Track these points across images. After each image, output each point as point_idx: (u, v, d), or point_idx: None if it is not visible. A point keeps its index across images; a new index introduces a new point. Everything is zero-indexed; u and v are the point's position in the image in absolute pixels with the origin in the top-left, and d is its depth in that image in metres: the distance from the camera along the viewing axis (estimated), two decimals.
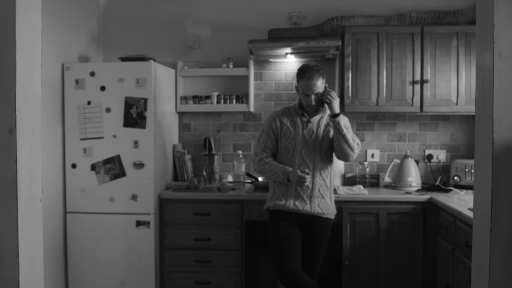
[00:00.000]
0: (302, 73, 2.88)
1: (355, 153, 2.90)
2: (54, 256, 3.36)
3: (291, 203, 2.90)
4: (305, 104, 2.91)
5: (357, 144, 2.91)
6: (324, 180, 2.93)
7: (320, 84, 2.85)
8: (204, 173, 3.86)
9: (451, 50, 3.54)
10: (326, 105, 2.91)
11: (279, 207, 2.92)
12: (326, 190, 2.94)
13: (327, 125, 2.94)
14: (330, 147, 2.93)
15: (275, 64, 3.97)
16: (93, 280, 3.44)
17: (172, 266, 3.50)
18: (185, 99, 3.95)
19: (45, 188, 3.02)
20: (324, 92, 2.87)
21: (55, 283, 3.37)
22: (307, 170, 2.85)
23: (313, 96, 2.86)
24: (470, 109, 3.52)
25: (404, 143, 3.93)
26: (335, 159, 3.00)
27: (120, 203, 3.41)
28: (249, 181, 3.69)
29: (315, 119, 2.94)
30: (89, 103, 3.41)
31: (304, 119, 2.94)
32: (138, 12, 4.06)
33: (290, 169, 2.87)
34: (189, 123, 4.07)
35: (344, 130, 2.83)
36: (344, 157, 2.92)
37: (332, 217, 2.99)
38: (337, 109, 2.85)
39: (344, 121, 2.87)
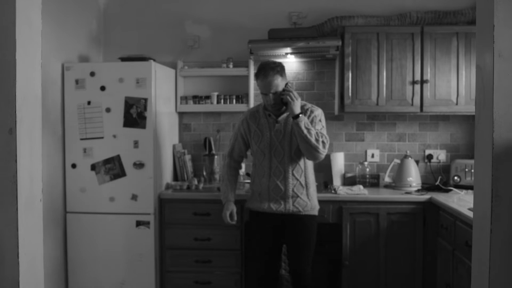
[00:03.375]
0: (258, 72, 2.83)
1: (321, 153, 2.77)
2: (54, 256, 3.36)
3: (266, 205, 2.92)
4: (266, 104, 2.89)
5: (323, 142, 2.76)
6: (297, 179, 2.90)
7: (278, 82, 2.78)
8: (204, 173, 3.86)
9: (451, 50, 3.54)
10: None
11: (257, 208, 2.96)
12: (302, 189, 2.91)
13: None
14: None
15: None
16: (93, 280, 3.44)
17: (172, 266, 3.50)
18: (185, 99, 3.95)
19: (45, 188, 3.02)
20: (283, 91, 2.80)
21: (55, 283, 3.37)
22: (233, 221, 2.99)
23: (271, 95, 2.80)
24: (470, 109, 3.51)
25: (404, 143, 3.93)
26: None
27: (120, 203, 3.41)
28: (249, 181, 3.69)
29: (283, 118, 2.90)
30: (89, 103, 3.41)
31: (271, 120, 2.91)
32: (138, 12, 4.06)
33: (230, 203, 2.99)
34: (189, 123, 4.07)
35: (305, 132, 2.73)
36: (310, 157, 2.83)
37: (315, 213, 2.96)
38: (296, 110, 2.75)
39: (305, 121, 2.76)
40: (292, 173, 2.89)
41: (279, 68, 2.81)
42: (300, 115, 2.76)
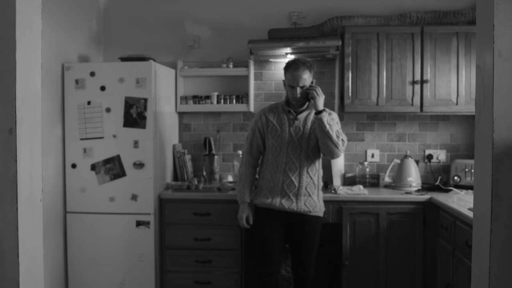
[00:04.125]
0: (289, 65, 2.90)
1: (340, 150, 2.86)
2: (54, 256, 3.36)
3: (277, 202, 2.90)
4: (291, 97, 2.91)
5: (342, 140, 2.86)
6: (311, 178, 2.92)
7: (306, 77, 2.85)
8: (204, 173, 3.86)
9: (451, 50, 3.54)
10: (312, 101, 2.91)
11: (265, 204, 2.93)
12: (314, 188, 2.93)
13: (314, 122, 2.89)
14: (317, 144, 2.91)
15: (275, 64, 3.97)
16: (93, 280, 3.44)
17: (172, 266, 3.50)
18: (185, 99, 3.95)
19: (45, 188, 3.02)
20: (310, 87, 2.88)
21: (55, 283, 3.37)
22: (248, 224, 2.97)
23: (298, 89, 2.85)
24: (470, 109, 3.52)
25: (404, 143, 3.93)
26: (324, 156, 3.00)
27: (120, 203, 3.41)
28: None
29: (302, 116, 2.93)
30: (89, 103, 3.41)
31: (291, 116, 2.94)
32: (138, 12, 4.06)
33: (246, 205, 2.98)
34: (189, 123, 4.07)
35: (327, 127, 2.80)
36: (328, 154, 2.88)
37: (321, 214, 2.99)
38: (320, 106, 2.84)
39: (327, 118, 2.84)
40: (307, 171, 2.91)
41: (309, 64, 2.90)
42: (323, 112, 2.83)
